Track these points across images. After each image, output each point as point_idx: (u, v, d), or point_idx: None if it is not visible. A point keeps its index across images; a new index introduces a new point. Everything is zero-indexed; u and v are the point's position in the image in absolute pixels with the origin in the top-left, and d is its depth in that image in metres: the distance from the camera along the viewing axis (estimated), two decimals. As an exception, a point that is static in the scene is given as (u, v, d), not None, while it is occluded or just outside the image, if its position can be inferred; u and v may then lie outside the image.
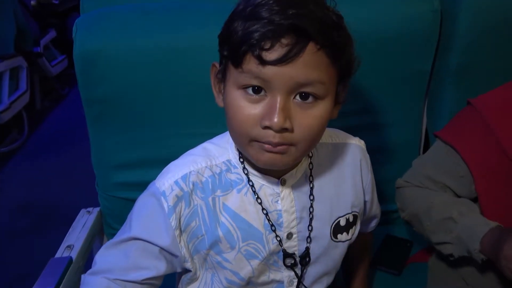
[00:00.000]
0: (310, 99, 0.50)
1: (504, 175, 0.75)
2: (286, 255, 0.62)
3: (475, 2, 0.90)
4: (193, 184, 0.59)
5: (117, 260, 0.59)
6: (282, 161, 0.52)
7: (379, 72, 0.93)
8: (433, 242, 0.77)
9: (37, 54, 2.86)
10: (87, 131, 0.93)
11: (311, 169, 0.63)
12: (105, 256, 0.61)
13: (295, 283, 0.65)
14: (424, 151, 1.08)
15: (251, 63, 0.48)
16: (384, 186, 1.04)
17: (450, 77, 0.96)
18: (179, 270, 0.64)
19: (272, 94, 0.49)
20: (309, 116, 0.50)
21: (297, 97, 0.50)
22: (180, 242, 0.59)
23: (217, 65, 0.57)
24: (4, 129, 2.58)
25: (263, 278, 0.64)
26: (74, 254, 0.80)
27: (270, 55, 0.46)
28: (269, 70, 0.47)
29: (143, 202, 0.61)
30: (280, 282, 0.65)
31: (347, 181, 0.66)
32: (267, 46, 0.46)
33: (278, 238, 0.61)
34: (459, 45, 0.92)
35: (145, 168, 0.90)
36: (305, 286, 0.66)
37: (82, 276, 0.61)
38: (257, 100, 0.50)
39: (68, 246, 0.81)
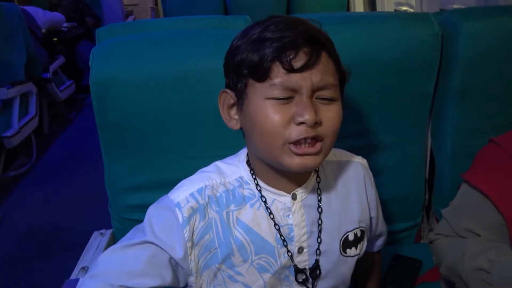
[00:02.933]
0: (327, 101, 0.57)
1: None
2: (298, 270, 0.64)
3: (474, 26, 0.94)
4: (209, 197, 0.61)
5: (124, 263, 0.58)
6: (313, 161, 0.57)
7: (384, 94, 0.96)
8: None
9: (46, 79, 2.92)
10: (94, 155, 0.95)
11: (318, 183, 0.66)
12: (110, 259, 0.59)
13: None
14: (430, 171, 1.10)
15: (280, 75, 0.54)
16: (391, 206, 1.06)
17: (453, 98, 0.98)
18: (181, 285, 0.63)
19: (299, 96, 0.55)
20: (331, 111, 0.57)
21: (319, 98, 0.56)
22: (190, 254, 0.60)
23: (228, 91, 0.60)
24: (13, 153, 2.62)
25: None
26: (88, 275, 0.81)
27: (297, 63, 0.53)
28: (296, 77, 0.54)
29: (158, 212, 0.61)
30: None
31: (353, 196, 0.69)
32: (292, 55, 0.53)
33: (290, 253, 0.63)
34: (460, 68, 0.95)
35: (157, 190, 0.90)
36: None
37: (81, 279, 0.58)
38: (285, 104, 0.55)
39: (83, 268, 0.83)
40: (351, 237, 0.68)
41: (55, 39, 3.62)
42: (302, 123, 0.54)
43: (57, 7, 3.91)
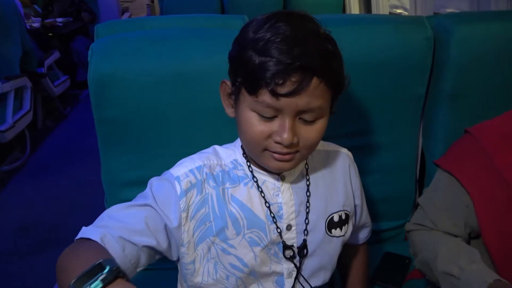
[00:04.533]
0: (309, 122, 0.60)
1: (504, 201, 0.77)
2: (286, 247, 0.68)
3: (466, 31, 0.96)
4: (206, 174, 0.66)
5: (126, 219, 0.61)
6: (288, 166, 0.63)
7: (377, 96, 0.98)
8: None
9: (41, 74, 2.92)
10: (89, 151, 0.97)
11: (307, 169, 0.71)
12: (114, 214, 0.63)
13: (294, 275, 0.70)
14: (421, 171, 1.12)
15: (266, 95, 0.56)
16: (382, 205, 1.08)
17: (444, 101, 1.01)
18: (174, 257, 0.67)
19: (281, 116, 0.58)
20: (312, 131, 0.61)
21: (302, 118, 0.59)
22: (184, 225, 0.64)
23: (228, 83, 0.64)
24: (6, 148, 2.61)
25: (265, 269, 0.68)
26: (85, 268, 0.82)
27: (282, 89, 0.55)
28: (281, 101, 0.56)
29: (159, 183, 0.66)
30: (280, 274, 0.69)
31: (339, 182, 0.75)
32: (280, 82, 0.55)
33: (279, 230, 0.67)
34: (451, 71, 0.97)
35: (154, 186, 0.93)
36: (303, 277, 0.71)
37: (84, 227, 0.61)
38: (269, 120, 0.59)
39: (79, 261, 0.84)
40: (336, 218, 0.73)
41: (50, 34, 3.60)
42: (278, 142, 0.59)
43: (53, 2, 3.89)
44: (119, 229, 0.60)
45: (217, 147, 0.72)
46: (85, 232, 0.60)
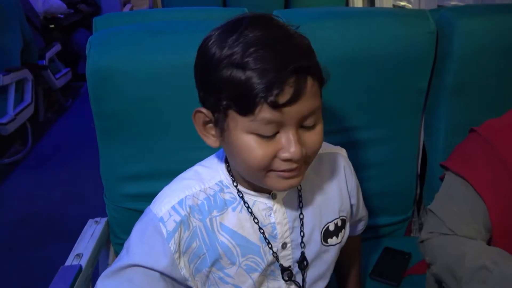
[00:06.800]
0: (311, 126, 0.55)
1: None
2: (284, 269, 0.66)
3: (469, 25, 0.95)
4: (190, 207, 0.61)
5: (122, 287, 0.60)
6: (298, 181, 0.57)
7: (379, 90, 0.97)
8: None
9: (42, 66, 2.90)
10: (90, 143, 0.95)
11: None
12: (107, 285, 0.61)
13: None
14: (422, 166, 1.12)
15: (265, 111, 0.50)
16: (382, 200, 1.08)
17: (446, 95, 1.00)
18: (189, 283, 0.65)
19: (284, 129, 0.52)
20: (315, 135, 0.55)
21: (303, 125, 0.54)
22: (179, 264, 0.61)
23: (204, 111, 0.56)
24: (8, 140, 2.61)
25: None
26: (83, 262, 0.83)
27: (283, 98, 0.49)
28: (283, 112, 0.50)
29: (142, 229, 0.62)
30: None
31: (333, 188, 0.70)
32: (278, 91, 0.49)
33: (275, 254, 0.65)
34: (454, 65, 0.96)
35: (153, 180, 0.92)
36: None
37: None
38: (269, 139, 0.53)
39: (78, 255, 0.84)
40: (331, 227, 0.69)
41: (52, 26, 3.59)
42: (288, 159, 0.53)
43: (54, -7, 3.86)
44: None
45: (199, 168, 0.66)
46: None
